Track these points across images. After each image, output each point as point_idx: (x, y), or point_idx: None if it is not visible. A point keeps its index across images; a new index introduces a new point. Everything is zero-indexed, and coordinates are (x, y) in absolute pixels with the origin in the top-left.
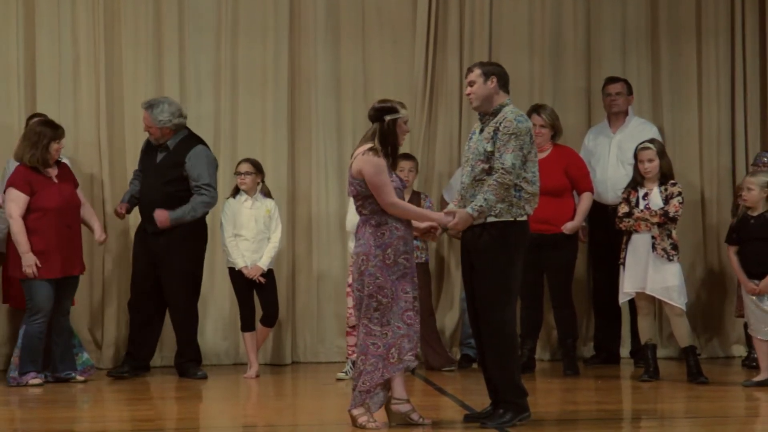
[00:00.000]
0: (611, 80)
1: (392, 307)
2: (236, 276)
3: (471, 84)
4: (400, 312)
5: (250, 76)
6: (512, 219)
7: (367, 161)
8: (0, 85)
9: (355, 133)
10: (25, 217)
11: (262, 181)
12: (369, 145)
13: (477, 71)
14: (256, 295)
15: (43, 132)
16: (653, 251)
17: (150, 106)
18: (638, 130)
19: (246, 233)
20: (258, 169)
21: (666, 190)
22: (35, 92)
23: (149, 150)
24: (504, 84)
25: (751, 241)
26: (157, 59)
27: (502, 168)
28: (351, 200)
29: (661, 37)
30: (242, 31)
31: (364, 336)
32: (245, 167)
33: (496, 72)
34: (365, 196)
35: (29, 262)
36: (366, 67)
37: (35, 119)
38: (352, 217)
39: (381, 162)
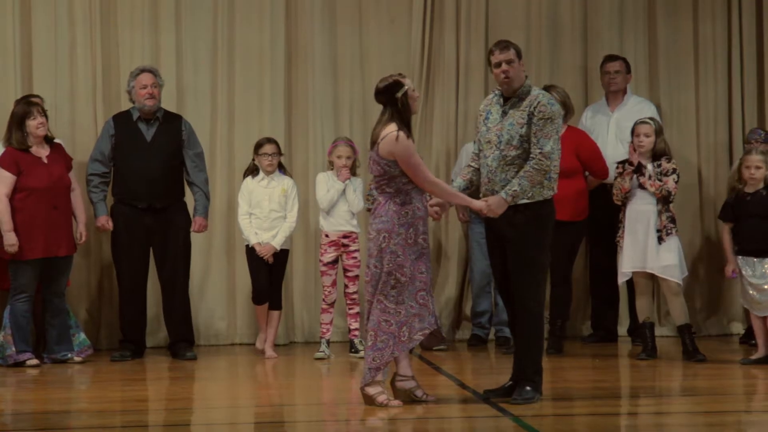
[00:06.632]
0: (610, 58)
1: (409, 286)
2: (250, 251)
3: (509, 63)
4: (414, 291)
5: (246, 55)
6: (542, 199)
7: (397, 144)
8: None
9: (352, 113)
10: (12, 196)
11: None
12: (394, 127)
13: (513, 51)
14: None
15: (17, 111)
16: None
17: (152, 68)
18: (637, 108)
19: (258, 212)
20: (279, 146)
21: (660, 165)
22: (32, 73)
23: (126, 133)
24: None
25: (747, 218)
26: (154, 39)
27: (541, 153)
28: (319, 177)
29: (658, 14)
30: (239, 10)
31: (379, 312)
32: (271, 148)
33: (520, 52)
34: (392, 176)
35: (11, 241)
36: (363, 46)
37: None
38: (323, 194)
39: (410, 143)
